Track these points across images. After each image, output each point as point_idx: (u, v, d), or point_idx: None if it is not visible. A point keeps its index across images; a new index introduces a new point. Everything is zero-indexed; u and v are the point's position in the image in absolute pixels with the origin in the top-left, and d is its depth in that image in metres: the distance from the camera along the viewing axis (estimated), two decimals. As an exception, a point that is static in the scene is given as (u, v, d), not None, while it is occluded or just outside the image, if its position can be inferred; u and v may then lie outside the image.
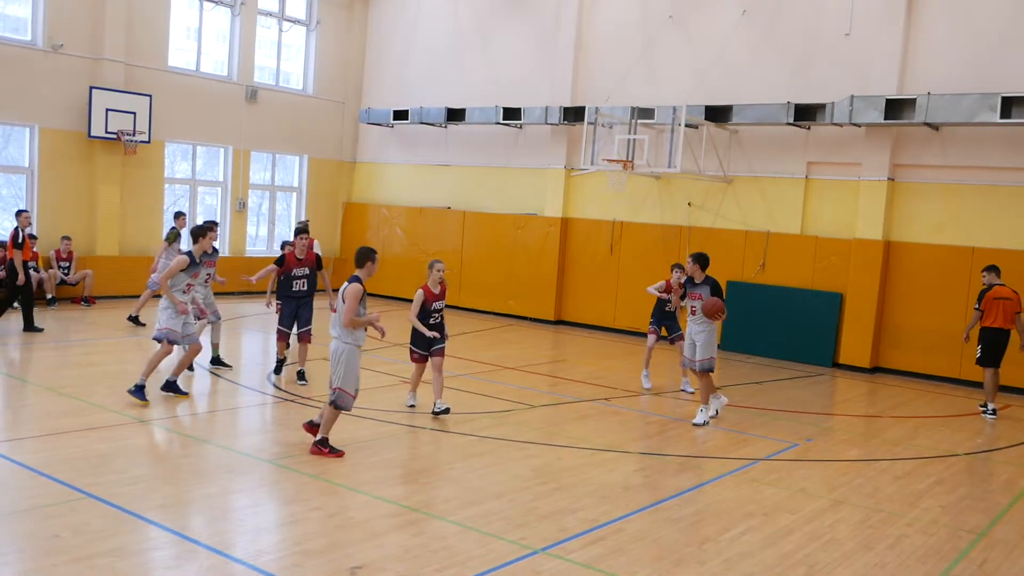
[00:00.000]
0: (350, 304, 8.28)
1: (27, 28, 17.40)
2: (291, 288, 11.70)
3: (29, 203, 17.61)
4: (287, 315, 11.77)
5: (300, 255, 11.74)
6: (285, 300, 11.78)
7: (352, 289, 8.32)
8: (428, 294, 10.23)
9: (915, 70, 15.19)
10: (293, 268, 11.68)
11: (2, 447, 8.15)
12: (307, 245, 11.79)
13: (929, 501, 8.38)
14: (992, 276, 12.52)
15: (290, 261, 11.69)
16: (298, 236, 11.84)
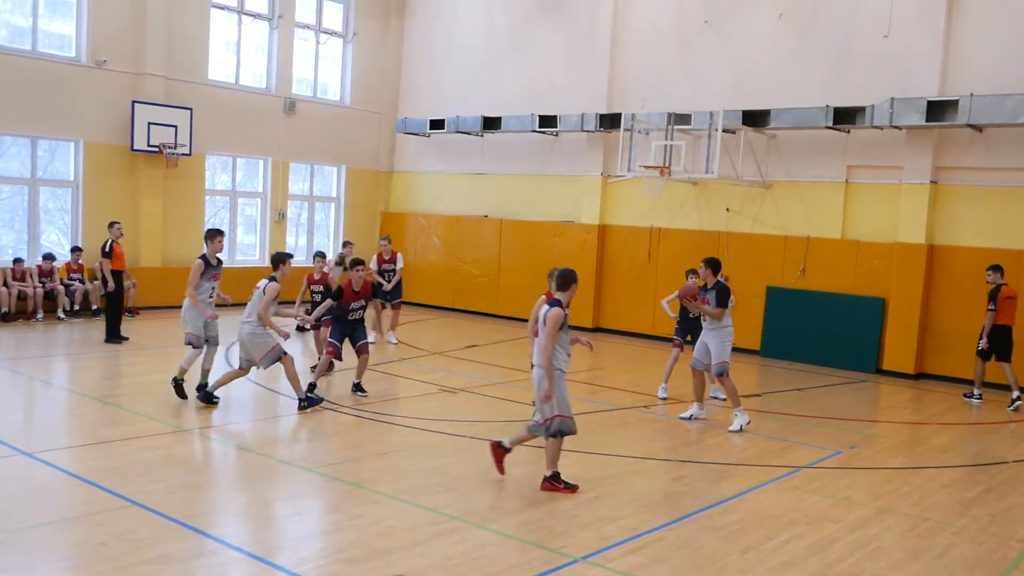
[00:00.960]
0: (550, 329, 7.87)
1: (71, 45, 17.74)
2: (347, 316, 11.43)
3: (74, 216, 17.94)
4: (339, 333, 11.47)
5: (357, 287, 11.41)
6: (338, 322, 11.47)
7: (553, 314, 7.88)
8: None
9: (957, 71, 14.96)
10: (351, 302, 11.39)
11: (50, 456, 8.28)
12: (363, 276, 11.49)
13: (978, 510, 8.22)
14: (998, 275, 13.20)
15: (348, 295, 11.36)
16: (354, 268, 11.51)
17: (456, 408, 11.35)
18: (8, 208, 17.64)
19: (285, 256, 10.87)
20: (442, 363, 14.57)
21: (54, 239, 18.19)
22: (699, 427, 11.00)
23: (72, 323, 16.49)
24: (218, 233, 11.08)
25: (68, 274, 17.18)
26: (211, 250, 10.91)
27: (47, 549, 6.22)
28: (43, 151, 17.74)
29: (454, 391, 12.33)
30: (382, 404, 11.15)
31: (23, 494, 7.31)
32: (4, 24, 17.12)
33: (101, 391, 11.56)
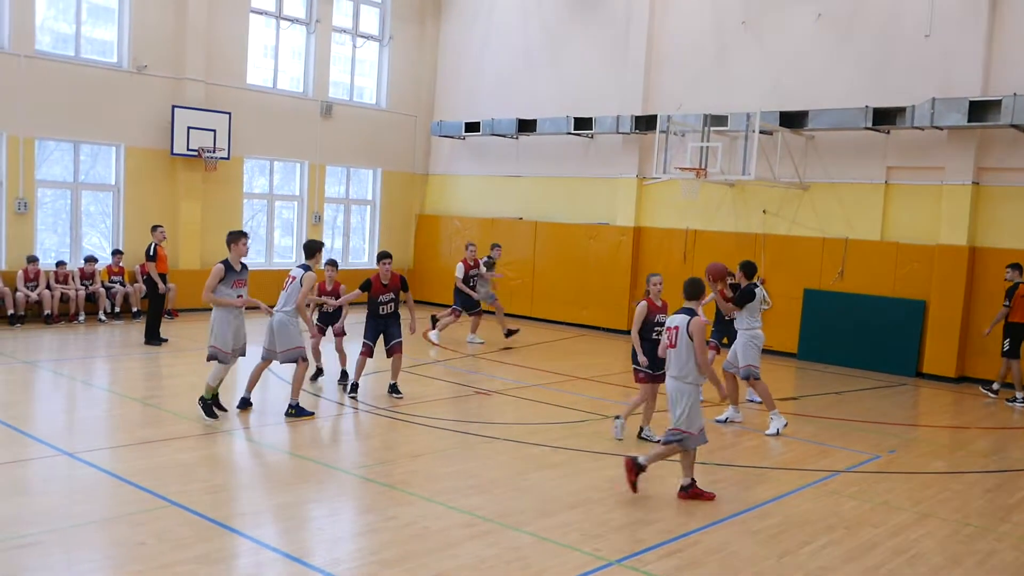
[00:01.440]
0: (699, 341, 7.83)
1: (113, 51, 18.02)
2: (378, 312, 11.50)
3: (115, 220, 18.21)
4: (372, 331, 11.53)
5: (385, 280, 11.48)
6: (371, 319, 11.55)
7: (696, 323, 7.86)
8: (651, 306, 9.73)
9: (1000, 70, 14.72)
10: (379, 295, 11.45)
11: (91, 456, 8.41)
12: (390, 270, 11.52)
13: (1021, 515, 8.07)
14: (1016, 273, 13.40)
15: (376, 288, 11.46)
16: (380, 261, 11.57)
17: (491, 410, 11.36)
18: (51, 212, 17.96)
19: (319, 244, 10.89)
20: (477, 365, 14.59)
21: (95, 242, 18.47)
22: (735, 430, 10.92)
23: (112, 325, 16.74)
24: (241, 235, 10.17)
25: (109, 277, 17.44)
26: (234, 254, 10.03)
27: (88, 548, 6.32)
28: (85, 155, 18.04)
29: (489, 393, 12.35)
30: (417, 406, 11.18)
31: (65, 493, 7.43)
32: (48, 31, 17.43)
33: (141, 392, 11.73)
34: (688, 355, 7.88)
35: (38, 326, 16.00)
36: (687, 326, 7.89)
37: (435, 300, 22.64)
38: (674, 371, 8.01)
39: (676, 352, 7.98)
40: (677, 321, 8.02)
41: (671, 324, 8.10)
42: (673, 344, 8.03)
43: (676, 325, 8.02)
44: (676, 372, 7.99)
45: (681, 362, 7.93)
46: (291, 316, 10.29)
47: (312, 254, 10.69)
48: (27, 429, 9.29)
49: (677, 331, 7.99)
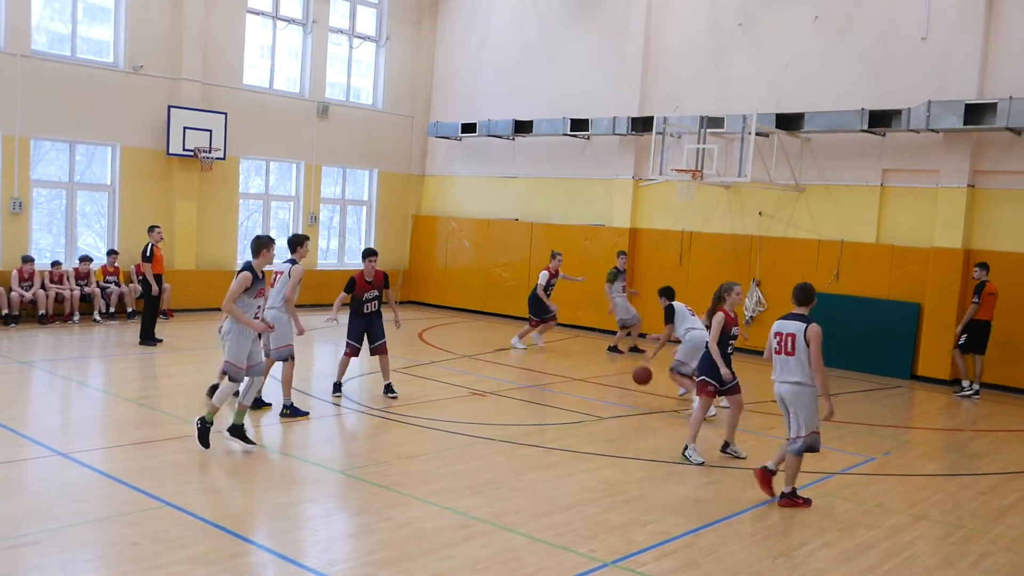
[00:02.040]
0: (816, 347, 7.87)
1: (109, 51, 18.00)
2: (362, 310, 11.48)
3: (110, 220, 18.19)
4: (356, 330, 11.55)
5: (369, 277, 11.47)
6: (355, 319, 11.54)
7: (814, 329, 7.91)
8: (727, 317, 9.40)
9: (996, 73, 14.76)
10: (364, 292, 11.44)
11: (85, 456, 8.40)
12: (375, 267, 11.54)
13: (1014, 518, 8.09)
14: (983, 272, 13.97)
15: (360, 286, 11.43)
16: (366, 259, 11.59)
17: (486, 411, 11.36)
18: (47, 212, 17.93)
19: (303, 237, 10.74)
20: (472, 366, 14.60)
21: (91, 242, 18.46)
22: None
23: (108, 325, 16.72)
24: (271, 242, 9.26)
25: (104, 277, 17.42)
26: (261, 261, 9.10)
27: (82, 548, 6.31)
28: (81, 155, 18.02)
29: (484, 394, 12.35)
30: (412, 407, 11.18)
31: (59, 494, 7.41)
32: (44, 30, 17.41)
33: (136, 393, 11.71)
34: (807, 360, 7.91)
35: (33, 326, 15.98)
36: (804, 332, 7.92)
37: (430, 301, 22.67)
38: (794, 377, 7.97)
39: (795, 359, 7.96)
40: (792, 328, 8.01)
41: (784, 331, 8.04)
42: (790, 351, 7.98)
43: (792, 332, 8.00)
44: (797, 378, 7.95)
45: (801, 367, 7.93)
46: (282, 312, 10.26)
47: (295, 248, 10.59)
48: (22, 429, 9.28)
49: (793, 338, 7.96)
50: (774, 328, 8.17)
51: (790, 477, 8.07)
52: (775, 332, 8.13)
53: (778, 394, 8.14)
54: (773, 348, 8.13)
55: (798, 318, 8.07)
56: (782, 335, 8.05)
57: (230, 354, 8.81)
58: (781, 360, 8.05)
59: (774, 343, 8.12)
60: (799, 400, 7.98)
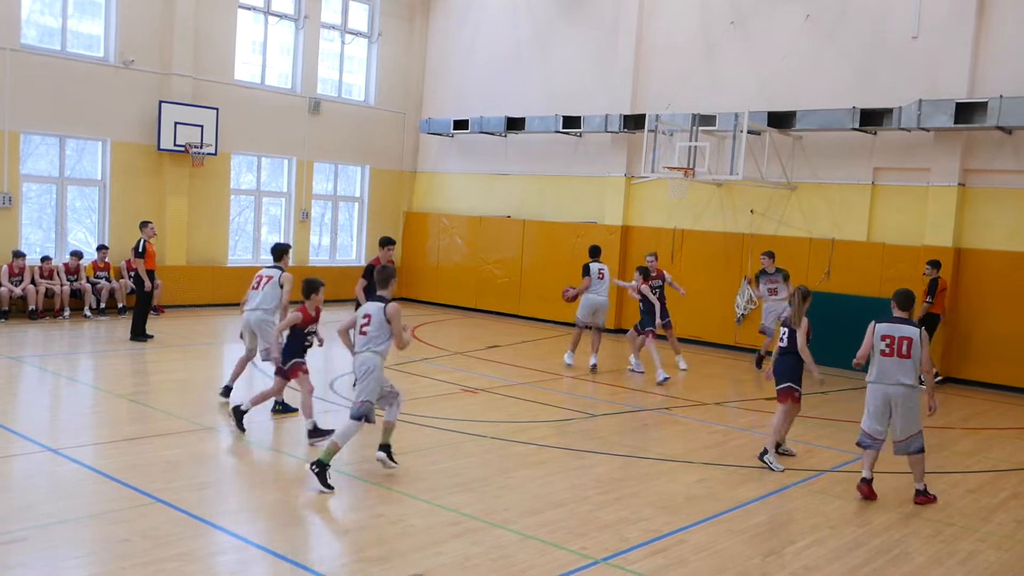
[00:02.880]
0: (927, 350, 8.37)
1: (100, 45, 17.92)
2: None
3: (101, 215, 18.12)
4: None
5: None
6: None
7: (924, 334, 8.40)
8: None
9: (986, 72, 14.80)
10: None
11: (75, 452, 8.37)
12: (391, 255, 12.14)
13: (1003, 516, 8.13)
14: (934, 270, 14.48)
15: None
16: (385, 247, 12.22)
17: (477, 408, 11.36)
18: (36, 207, 17.85)
19: (286, 246, 10.99)
20: (464, 363, 14.59)
21: (81, 237, 18.38)
22: (722, 429, 10.94)
23: (98, 321, 16.66)
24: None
25: (95, 272, 17.35)
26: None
27: (71, 545, 6.29)
28: (71, 150, 17.94)
29: (475, 391, 12.34)
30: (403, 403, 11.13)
31: (48, 490, 7.39)
32: (34, 24, 17.32)
33: (127, 388, 11.67)
34: (919, 363, 8.30)
35: (23, 321, 15.90)
36: (919, 336, 8.31)
37: (422, 298, 22.65)
38: (908, 379, 8.27)
39: (910, 361, 8.27)
40: (907, 332, 8.33)
41: (898, 334, 8.34)
42: (905, 354, 8.28)
43: (907, 336, 8.31)
44: (912, 380, 8.28)
45: (915, 369, 8.29)
46: (270, 315, 10.33)
47: (280, 257, 10.76)
48: (11, 425, 9.23)
49: (910, 342, 8.28)
50: (881, 331, 8.45)
51: (919, 474, 8.40)
52: (883, 335, 8.41)
53: (885, 395, 8.36)
54: (880, 350, 8.38)
55: (907, 322, 8.44)
56: (894, 338, 8.35)
57: (369, 393, 8.02)
58: (894, 363, 8.30)
59: (882, 345, 8.37)
60: (912, 401, 8.32)
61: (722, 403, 12.54)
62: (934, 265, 14.53)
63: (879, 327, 8.47)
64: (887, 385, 8.32)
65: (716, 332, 17.69)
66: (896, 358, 8.27)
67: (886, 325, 8.48)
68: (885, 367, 8.33)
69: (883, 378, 8.35)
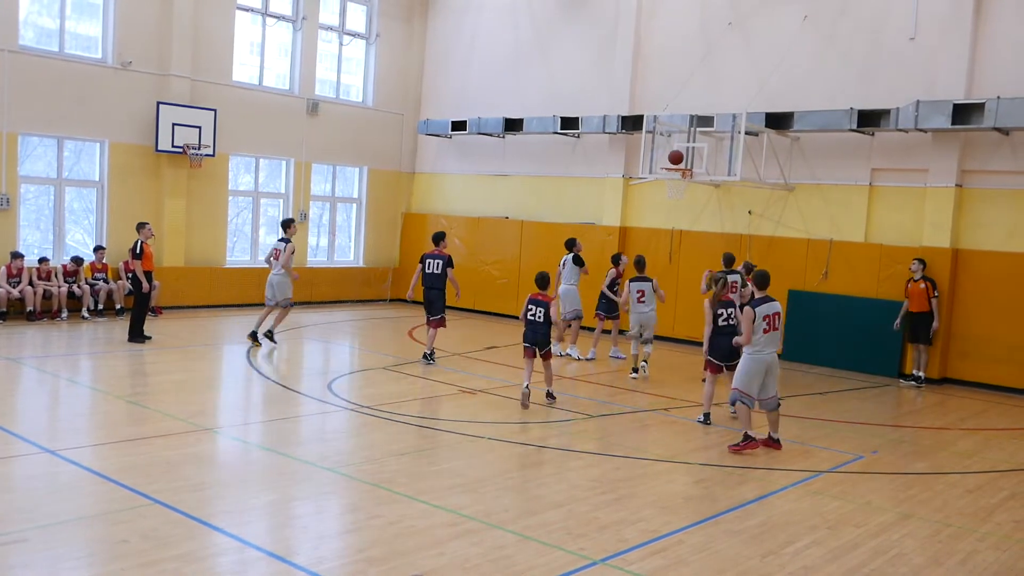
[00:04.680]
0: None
1: (98, 46, 17.91)
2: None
3: (99, 216, 18.11)
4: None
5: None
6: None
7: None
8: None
9: (983, 73, 14.83)
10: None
11: (74, 453, 8.37)
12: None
13: (1002, 516, 8.14)
14: (921, 268, 14.86)
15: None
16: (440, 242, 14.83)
17: (475, 409, 11.36)
18: (34, 208, 17.84)
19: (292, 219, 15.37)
20: (462, 364, 14.59)
21: (79, 239, 18.37)
22: (720, 430, 10.95)
23: (96, 322, 16.65)
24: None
25: (92, 273, 17.34)
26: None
27: (70, 546, 6.28)
28: (69, 151, 17.93)
29: (474, 392, 12.35)
30: (401, 404, 11.18)
31: (47, 491, 7.38)
32: (32, 26, 17.31)
33: (125, 390, 11.67)
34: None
35: (21, 323, 15.90)
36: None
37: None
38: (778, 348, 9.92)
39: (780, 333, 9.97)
40: (777, 308, 9.72)
41: (772, 311, 9.65)
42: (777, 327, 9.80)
43: (777, 311, 9.71)
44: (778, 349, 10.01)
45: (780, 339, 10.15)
46: (284, 276, 14.70)
47: (287, 228, 15.06)
48: (10, 426, 9.23)
49: (779, 316, 9.76)
50: (763, 311, 9.63)
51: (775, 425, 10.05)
52: (765, 315, 9.63)
53: (765, 363, 9.72)
54: (763, 328, 9.62)
55: (772, 300, 9.79)
56: (771, 316, 9.67)
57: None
58: (772, 336, 9.72)
59: (764, 324, 9.61)
60: (778, 366, 9.89)
61: (720, 404, 12.54)
62: (922, 263, 14.91)
63: (760, 310, 9.60)
64: (769, 354, 9.72)
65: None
66: (773, 332, 9.71)
67: (765, 306, 9.68)
68: (767, 341, 9.67)
69: (766, 349, 9.69)
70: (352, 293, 21.98)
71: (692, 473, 9.01)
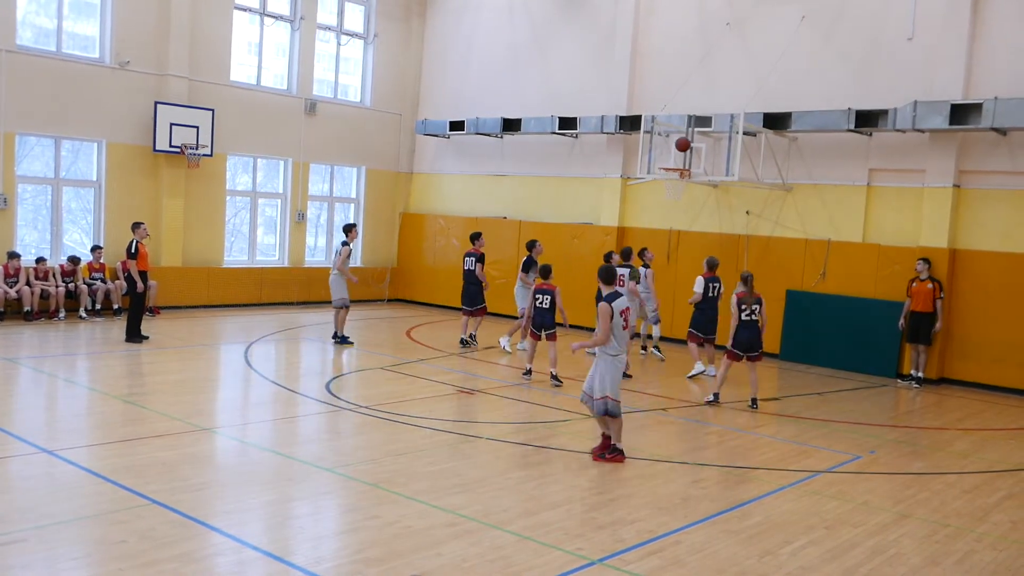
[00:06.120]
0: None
1: (95, 46, 17.89)
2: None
3: (96, 216, 18.09)
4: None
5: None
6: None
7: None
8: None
9: (981, 74, 14.84)
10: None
11: (71, 453, 8.36)
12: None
13: (999, 516, 8.15)
14: (926, 268, 14.87)
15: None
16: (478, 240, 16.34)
17: (474, 409, 11.36)
18: (32, 208, 17.82)
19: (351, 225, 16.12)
20: (460, 364, 14.59)
21: (76, 238, 18.35)
22: (718, 430, 10.96)
23: (93, 322, 16.64)
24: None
25: (90, 273, 17.32)
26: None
27: (67, 546, 6.28)
28: (66, 151, 17.91)
29: (472, 392, 12.35)
30: (399, 404, 11.18)
31: (45, 491, 7.38)
32: (29, 25, 17.29)
33: (122, 390, 11.66)
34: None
35: (18, 322, 15.88)
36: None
37: (418, 299, 22.68)
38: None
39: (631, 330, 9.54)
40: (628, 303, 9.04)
41: (626, 306, 8.94)
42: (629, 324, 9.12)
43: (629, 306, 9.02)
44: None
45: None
46: (339, 277, 15.53)
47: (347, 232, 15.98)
48: (7, 427, 9.22)
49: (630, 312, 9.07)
50: (620, 307, 8.86)
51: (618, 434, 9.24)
52: (622, 311, 8.87)
53: (621, 366, 9.04)
54: (620, 325, 8.86)
55: (622, 294, 9.08)
56: (625, 311, 8.96)
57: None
58: (626, 335, 9.03)
59: (622, 321, 8.88)
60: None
61: (718, 404, 12.55)
62: (925, 261, 14.91)
63: (616, 304, 8.84)
64: (624, 358, 9.07)
65: (712, 333, 17.69)
66: (628, 330, 9.02)
67: (622, 300, 8.96)
68: (624, 340, 8.98)
69: (623, 348, 8.98)
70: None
71: (690, 473, 9.01)
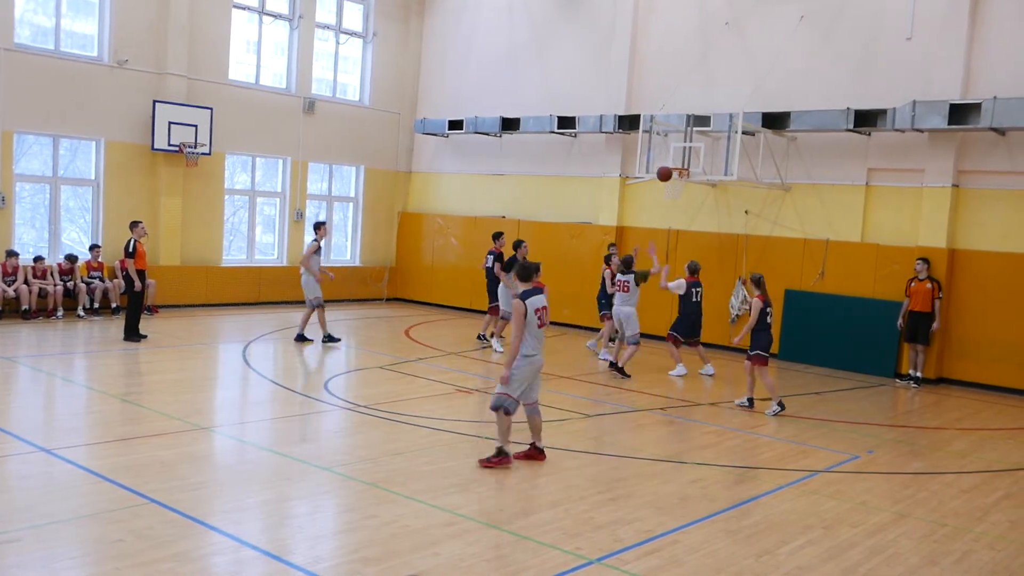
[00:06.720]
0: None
1: (93, 44, 17.88)
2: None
3: (94, 215, 18.08)
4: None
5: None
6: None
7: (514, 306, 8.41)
8: None
9: (980, 73, 14.85)
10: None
11: (69, 452, 8.35)
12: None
13: (997, 515, 8.15)
14: (925, 268, 14.92)
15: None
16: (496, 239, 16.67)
17: (472, 408, 11.36)
18: (30, 206, 17.80)
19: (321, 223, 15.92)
20: (459, 363, 14.59)
21: (74, 237, 18.33)
22: (716, 430, 10.96)
23: (92, 321, 16.62)
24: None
25: (88, 272, 17.31)
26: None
27: (65, 545, 6.27)
28: (65, 150, 17.89)
29: (470, 391, 12.35)
30: (398, 404, 11.17)
31: (42, 490, 7.37)
32: (27, 24, 17.27)
33: (120, 389, 11.65)
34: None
35: (16, 321, 15.87)
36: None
37: (417, 298, 22.66)
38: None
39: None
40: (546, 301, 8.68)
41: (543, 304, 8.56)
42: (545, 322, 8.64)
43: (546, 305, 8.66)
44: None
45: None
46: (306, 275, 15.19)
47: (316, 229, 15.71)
48: (4, 425, 9.21)
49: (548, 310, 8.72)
50: (537, 304, 8.44)
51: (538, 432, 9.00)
52: (537, 308, 8.44)
53: (536, 367, 8.61)
54: (536, 324, 8.44)
55: (541, 292, 8.61)
56: (541, 309, 8.51)
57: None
58: (542, 334, 8.58)
59: (536, 320, 8.44)
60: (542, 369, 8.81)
61: (716, 403, 12.56)
62: (924, 261, 14.95)
63: (531, 302, 8.42)
64: (540, 358, 8.66)
65: (711, 332, 17.64)
66: (544, 328, 8.58)
67: (537, 298, 8.51)
68: (540, 337, 8.58)
69: (539, 348, 8.59)
70: (348, 292, 21.93)
71: (688, 473, 9.01)
